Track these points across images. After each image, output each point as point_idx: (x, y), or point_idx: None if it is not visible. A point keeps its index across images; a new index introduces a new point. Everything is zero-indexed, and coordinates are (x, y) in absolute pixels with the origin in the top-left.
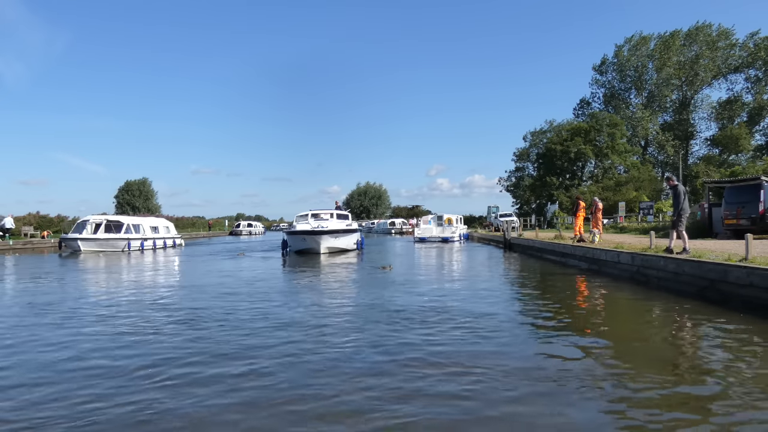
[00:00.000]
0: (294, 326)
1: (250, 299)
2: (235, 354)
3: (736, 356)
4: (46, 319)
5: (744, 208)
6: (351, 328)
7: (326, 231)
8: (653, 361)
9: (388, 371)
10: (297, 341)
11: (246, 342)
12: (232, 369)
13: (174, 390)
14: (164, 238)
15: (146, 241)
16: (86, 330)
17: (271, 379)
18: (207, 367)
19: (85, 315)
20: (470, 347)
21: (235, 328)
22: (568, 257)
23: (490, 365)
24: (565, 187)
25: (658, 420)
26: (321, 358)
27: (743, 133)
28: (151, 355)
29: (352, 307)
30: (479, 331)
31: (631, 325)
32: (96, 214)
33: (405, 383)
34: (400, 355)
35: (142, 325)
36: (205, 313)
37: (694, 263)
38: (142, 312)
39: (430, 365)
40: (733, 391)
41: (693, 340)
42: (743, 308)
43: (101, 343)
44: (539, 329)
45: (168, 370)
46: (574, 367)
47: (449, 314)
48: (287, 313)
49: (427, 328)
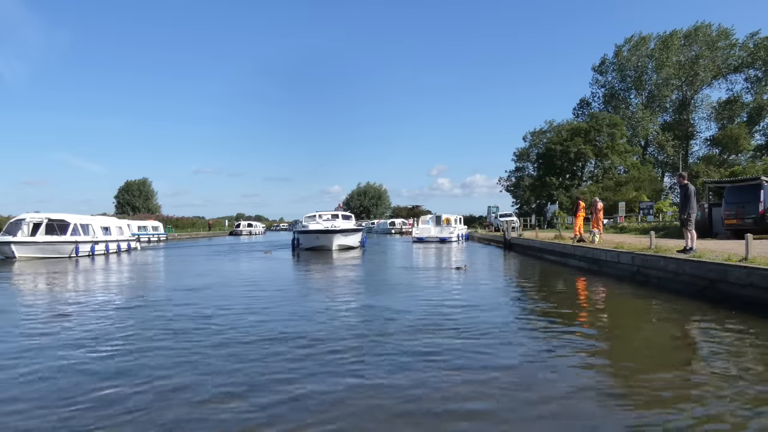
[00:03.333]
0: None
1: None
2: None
3: (736, 356)
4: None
5: (744, 208)
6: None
7: (338, 230)
8: (653, 361)
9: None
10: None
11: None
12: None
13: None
14: (117, 240)
15: (98, 245)
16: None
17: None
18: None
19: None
20: (470, 347)
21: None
22: (568, 257)
23: (490, 365)
24: (565, 187)
25: (658, 420)
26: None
27: (743, 133)
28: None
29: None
30: (480, 330)
31: (631, 325)
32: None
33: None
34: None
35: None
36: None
37: (695, 263)
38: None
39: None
40: (733, 391)
41: (693, 340)
42: (743, 308)
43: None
44: (539, 329)
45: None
46: (575, 367)
47: (449, 314)
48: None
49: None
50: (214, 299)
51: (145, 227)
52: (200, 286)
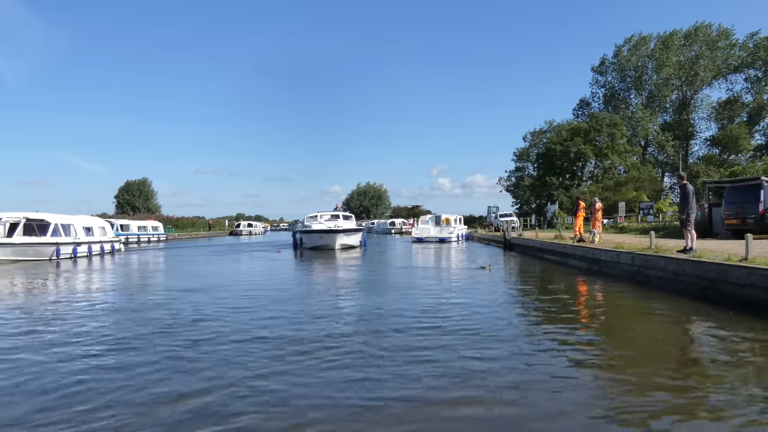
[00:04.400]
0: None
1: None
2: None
3: (736, 356)
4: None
5: (744, 208)
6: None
7: (341, 230)
8: (653, 361)
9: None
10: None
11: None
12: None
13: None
14: (101, 242)
15: (80, 246)
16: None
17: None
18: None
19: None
20: (469, 348)
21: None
22: (568, 257)
23: (491, 366)
24: (565, 187)
25: (658, 420)
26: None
27: (743, 133)
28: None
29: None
30: (478, 330)
31: (630, 326)
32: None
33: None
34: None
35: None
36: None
37: (694, 263)
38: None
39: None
40: (733, 391)
41: (693, 340)
42: (743, 308)
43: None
44: (538, 329)
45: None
46: (574, 367)
47: (448, 315)
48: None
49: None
50: (220, 304)
51: (145, 227)
52: (199, 287)
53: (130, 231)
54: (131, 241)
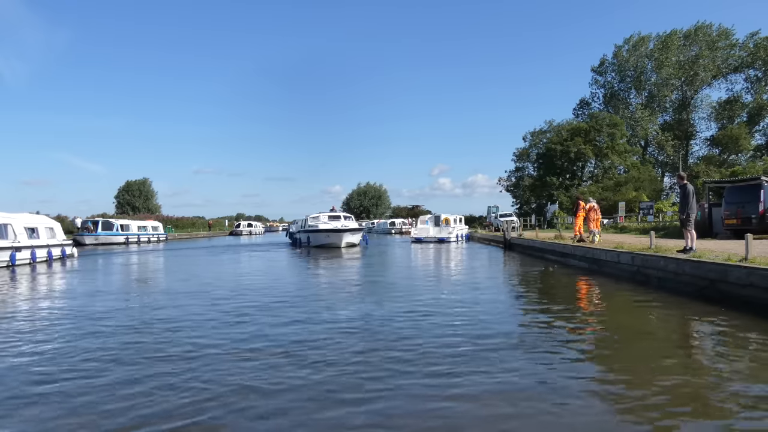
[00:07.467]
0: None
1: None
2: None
3: (736, 356)
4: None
5: (744, 208)
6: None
7: (347, 229)
8: (653, 360)
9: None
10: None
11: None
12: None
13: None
14: (48, 246)
15: (20, 252)
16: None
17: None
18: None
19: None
20: (468, 347)
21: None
22: (568, 257)
23: (491, 366)
24: (565, 187)
25: (658, 419)
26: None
27: (743, 133)
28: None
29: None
30: (478, 329)
31: (630, 325)
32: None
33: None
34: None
35: None
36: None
37: (694, 263)
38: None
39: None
40: (733, 391)
41: (693, 340)
42: (743, 308)
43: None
44: (538, 329)
45: None
46: (574, 367)
47: (447, 314)
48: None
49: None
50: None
51: (144, 227)
52: (192, 289)
53: (130, 231)
54: (131, 241)
